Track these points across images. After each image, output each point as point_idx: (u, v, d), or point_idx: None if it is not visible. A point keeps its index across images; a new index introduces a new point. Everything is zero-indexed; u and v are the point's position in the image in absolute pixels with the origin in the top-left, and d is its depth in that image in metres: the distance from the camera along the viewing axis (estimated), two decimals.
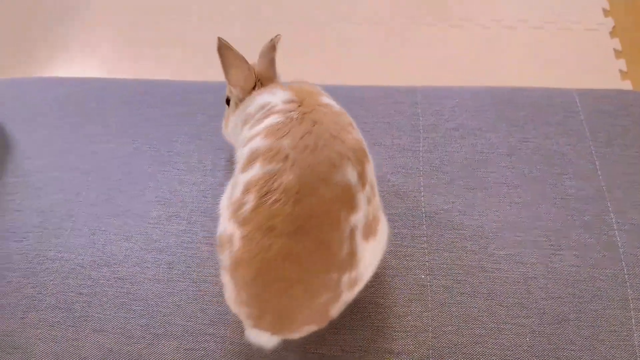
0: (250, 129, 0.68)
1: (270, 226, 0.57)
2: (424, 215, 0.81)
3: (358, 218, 0.60)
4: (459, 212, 0.81)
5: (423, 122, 0.91)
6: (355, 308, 0.73)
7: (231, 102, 0.80)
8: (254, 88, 0.77)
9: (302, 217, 0.57)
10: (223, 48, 0.73)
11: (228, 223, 0.62)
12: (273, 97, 0.69)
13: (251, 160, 0.62)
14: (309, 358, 0.71)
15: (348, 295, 0.63)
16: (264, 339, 0.65)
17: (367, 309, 0.74)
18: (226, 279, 0.64)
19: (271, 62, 0.78)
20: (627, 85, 1.65)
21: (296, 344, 0.71)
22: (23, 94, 0.98)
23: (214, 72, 0.82)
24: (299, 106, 0.66)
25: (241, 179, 0.62)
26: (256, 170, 0.60)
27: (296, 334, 0.66)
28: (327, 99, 0.71)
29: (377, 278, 0.75)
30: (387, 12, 1.89)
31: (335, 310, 0.63)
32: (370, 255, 0.63)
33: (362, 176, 0.61)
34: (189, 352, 0.73)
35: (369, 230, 0.62)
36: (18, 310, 0.76)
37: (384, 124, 0.90)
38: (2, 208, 0.84)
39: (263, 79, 0.77)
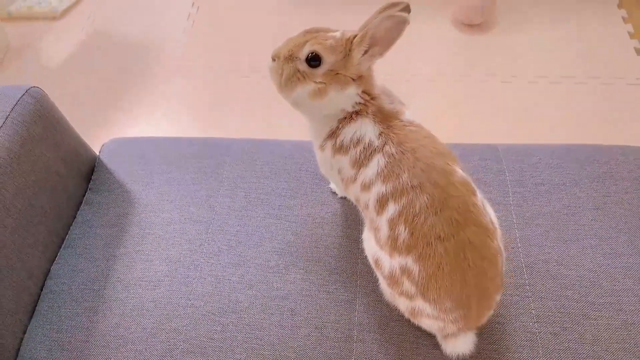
0: (353, 169, 0.77)
1: (436, 236, 0.69)
2: (524, 265, 0.88)
3: (480, 197, 0.75)
4: (557, 263, 0.87)
5: (510, 178, 0.99)
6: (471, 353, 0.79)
7: (342, 78, 0.75)
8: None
9: (453, 216, 0.70)
10: None
11: (392, 259, 0.74)
12: (366, 132, 0.76)
13: (383, 203, 0.74)
14: None
15: (504, 257, 0.76)
16: (464, 341, 0.77)
17: (482, 355, 0.79)
18: (418, 303, 0.74)
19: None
20: None
21: None
22: (139, 152, 1.07)
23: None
24: (391, 136, 0.75)
25: (382, 220, 0.74)
26: (393, 208, 0.73)
27: (487, 314, 0.77)
28: (406, 116, 0.79)
29: (487, 324, 0.82)
30: (433, 70, 2.02)
31: (502, 272, 0.76)
32: (495, 220, 0.78)
33: (462, 169, 0.77)
34: None
35: (483, 204, 0.77)
36: (154, 356, 0.82)
37: (473, 180, 0.98)
38: (133, 258, 0.91)
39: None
